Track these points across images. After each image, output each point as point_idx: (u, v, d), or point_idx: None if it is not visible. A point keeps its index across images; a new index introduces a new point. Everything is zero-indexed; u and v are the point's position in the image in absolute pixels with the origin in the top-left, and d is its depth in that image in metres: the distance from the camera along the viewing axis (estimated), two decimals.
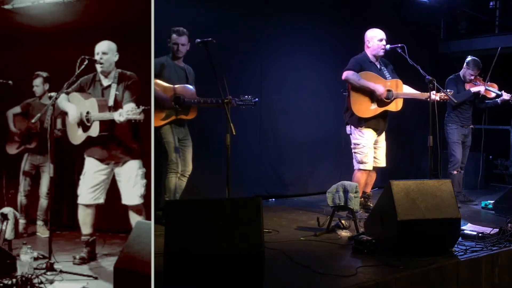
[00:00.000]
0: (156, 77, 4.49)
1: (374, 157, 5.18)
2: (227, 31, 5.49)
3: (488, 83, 5.92)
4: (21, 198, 3.78)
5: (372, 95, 4.98)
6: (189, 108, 4.59)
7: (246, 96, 4.57)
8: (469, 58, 5.98)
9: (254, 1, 5.88)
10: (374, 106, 5.01)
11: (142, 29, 2.71)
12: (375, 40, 5.09)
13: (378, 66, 5.16)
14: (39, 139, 3.75)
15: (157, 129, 4.52)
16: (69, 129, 3.50)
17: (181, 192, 4.69)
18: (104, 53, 3.38)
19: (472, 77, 5.90)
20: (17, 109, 3.74)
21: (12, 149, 3.78)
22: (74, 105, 3.43)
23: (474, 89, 5.83)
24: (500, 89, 5.96)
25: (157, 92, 4.45)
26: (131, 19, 3.02)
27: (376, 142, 5.18)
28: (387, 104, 5.04)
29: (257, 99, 4.61)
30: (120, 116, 3.18)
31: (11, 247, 3.43)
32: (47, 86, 3.73)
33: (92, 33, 3.35)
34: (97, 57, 3.37)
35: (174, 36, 4.58)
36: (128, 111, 3.12)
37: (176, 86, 4.56)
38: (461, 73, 6.01)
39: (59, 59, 3.43)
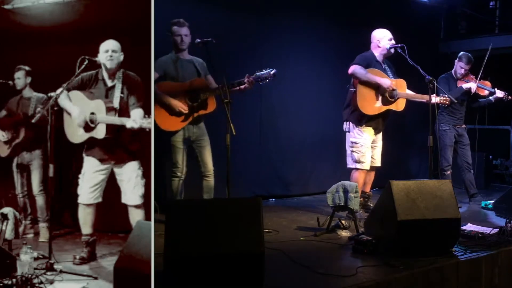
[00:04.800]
0: (164, 77, 4.39)
1: (371, 157, 5.17)
2: (227, 31, 5.48)
3: (480, 80, 5.90)
4: (20, 200, 3.76)
5: (377, 92, 4.98)
6: (206, 101, 4.38)
7: (263, 71, 4.38)
8: (461, 53, 5.98)
9: (254, 1, 5.89)
10: (378, 104, 5.02)
11: (142, 29, 2.71)
12: (385, 39, 5.10)
13: (383, 66, 5.16)
14: (25, 131, 3.69)
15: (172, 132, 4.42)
16: (68, 128, 3.48)
17: (212, 193, 4.63)
18: (114, 51, 3.34)
19: (463, 70, 5.85)
20: (2, 113, 3.71)
21: (4, 151, 3.74)
22: (76, 106, 3.41)
23: (465, 86, 5.78)
24: (497, 89, 5.95)
25: (167, 99, 4.33)
26: (131, 19, 3.01)
27: (373, 142, 5.19)
28: (391, 103, 5.04)
29: (275, 70, 4.36)
30: (134, 123, 3.18)
31: (11, 247, 3.42)
32: (29, 80, 3.65)
33: (92, 33, 3.33)
34: (106, 55, 3.33)
35: (175, 28, 4.49)
36: (143, 121, 3.13)
37: (186, 82, 4.42)
38: (453, 70, 6.00)
39: (59, 59, 3.41)
